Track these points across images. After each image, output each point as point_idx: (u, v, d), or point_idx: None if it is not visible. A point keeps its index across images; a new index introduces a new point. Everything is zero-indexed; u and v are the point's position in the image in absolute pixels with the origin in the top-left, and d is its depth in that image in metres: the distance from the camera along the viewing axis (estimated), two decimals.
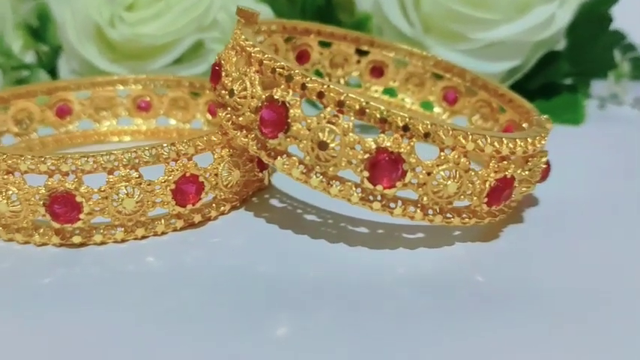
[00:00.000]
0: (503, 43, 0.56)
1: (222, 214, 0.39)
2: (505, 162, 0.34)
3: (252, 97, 0.35)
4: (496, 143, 0.33)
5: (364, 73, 0.50)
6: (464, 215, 0.35)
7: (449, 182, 0.33)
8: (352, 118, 0.32)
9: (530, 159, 0.36)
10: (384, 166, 0.32)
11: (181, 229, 0.37)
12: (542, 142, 0.36)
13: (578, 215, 0.40)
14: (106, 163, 0.35)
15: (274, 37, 0.45)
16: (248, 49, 0.36)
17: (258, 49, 0.35)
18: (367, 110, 0.32)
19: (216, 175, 0.38)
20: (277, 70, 0.34)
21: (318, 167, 0.33)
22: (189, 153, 0.36)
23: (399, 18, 0.56)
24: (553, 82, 0.58)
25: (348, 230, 0.37)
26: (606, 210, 0.41)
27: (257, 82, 0.35)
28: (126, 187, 0.35)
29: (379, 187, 0.33)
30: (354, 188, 0.33)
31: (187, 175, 0.36)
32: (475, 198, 0.34)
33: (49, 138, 0.49)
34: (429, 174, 0.33)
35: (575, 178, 0.45)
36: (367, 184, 0.33)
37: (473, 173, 0.33)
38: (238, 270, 0.34)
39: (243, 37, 0.37)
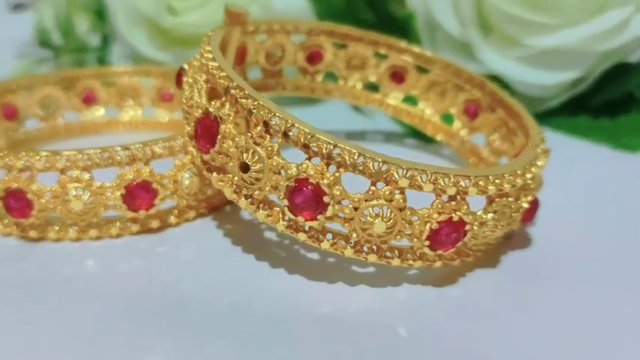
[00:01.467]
0: (561, 50, 0.49)
1: (187, 221, 0.38)
2: (453, 202, 0.30)
3: (197, 107, 0.33)
4: (441, 180, 0.29)
5: (383, 78, 0.46)
6: (408, 256, 0.31)
7: (376, 220, 0.29)
8: (279, 140, 0.30)
9: (497, 199, 0.31)
10: (304, 198, 0.29)
11: (138, 232, 0.37)
12: (518, 180, 0.31)
13: (569, 267, 0.34)
14: (58, 163, 0.35)
15: (278, 37, 0.43)
16: (204, 55, 0.34)
17: (210, 55, 0.33)
18: (291, 133, 0.29)
19: (175, 181, 0.37)
20: (219, 80, 0.32)
21: (245, 189, 0.31)
22: (144, 158, 0.36)
23: (448, 18, 0.51)
24: (622, 98, 0.50)
25: (299, 255, 0.35)
26: (612, 269, 0.34)
27: (203, 92, 0.33)
28: (76, 188, 0.35)
29: (301, 219, 0.30)
30: (281, 215, 0.31)
31: (139, 180, 0.36)
32: (416, 240, 0.30)
33: (75, 124, 0.51)
34: (355, 209, 0.29)
35: (595, 221, 0.39)
36: (289, 214, 0.30)
37: (409, 212, 0.29)
38: (160, 285, 0.32)
39: (206, 41, 0.35)
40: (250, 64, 0.43)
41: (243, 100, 0.30)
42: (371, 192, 0.29)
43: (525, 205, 0.33)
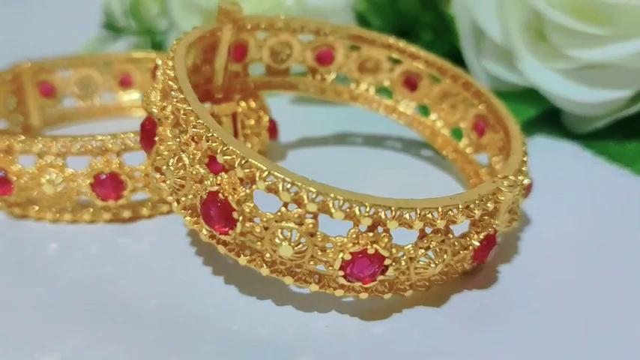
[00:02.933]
0: (611, 66, 0.43)
1: (162, 214, 0.39)
2: (370, 233, 0.27)
3: (154, 105, 0.33)
4: (356, 209, 0.27)
5: (396, 84, 0.43)
6: (330, 283, 0.29)
7: (284, 243, 0.27)
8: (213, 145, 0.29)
9: (432, 234, 0.28)
10: (213, 212, 0.28)
11: (111, 221, 0.38)
12: (460, 216, 0.28)
13: (530, 316, 0.30)
14: (34, 147, 0.36)
15: (283, 35, 0.41)
16: (169, 54, 0.34)
17: (173, 55, 0.33)
18: (209, 142, 0.28)
19: (147, 175, 0.37)
20: (167, 82, 0.31)
21: (177, 194, 0.31)
22: (115, 150, 0.36)
23: (491, 21, 0.47)
24: None
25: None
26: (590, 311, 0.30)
27: (159, 90, 0.33)
28: (50, 173, 0.36)
29: (216, 232, 0.29)
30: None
31: (107, 171, 0.36)
32: (331, 268, 0.28)
33: (111, 105, 0.53)
34: (266, 228, 0.28)
35: (590, 271, 0.34)
36: (205, 225, 0.29)
37: (321, 238, 0.28)
38: (99, 278, 0.33)
39: (175, 40, 0.35)
40: (253, 61, 0.42)
41: (178, 105, 0.30)
42: (280, 213, 0.27)
43: (476, 243, 0.30)
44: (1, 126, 0.47)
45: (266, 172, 0.27)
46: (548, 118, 0.48)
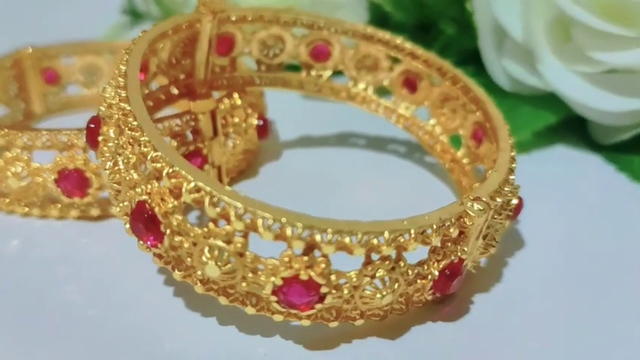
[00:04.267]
0: (637, 71, 0.38)
1: None
2: (305, 257, 0.24)
3: (104, 102, 0.31)
4: (288, 230, 0.24)
5: (395, 84, 0.39)
6: (270, 308, 0.26)
7: (210, 262, 0.25)
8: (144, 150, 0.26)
9: (378, 261, 0.25)
10: (141, 223, 0.26)
11: (80, 218, 0.36)
12: (412, 243, 0.25)
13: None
14: (1, 140, 0.35)
15: (273, 28, 0.39)
16: (130, 46, 0.32)
17: (132, 47, 0.31)
18: (141, 147, 0.26)
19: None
20: (117, 78, 0.29)
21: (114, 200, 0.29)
22: (80, 145, 0.35)
23: (512, 18, 0.42)
24: None
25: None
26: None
27: (114, 85, 0.31)
28: (15, 166, 0.35)
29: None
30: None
31: (71, 167, 0.35)
32: (264, 292, 0.25)
33: None
34: (194, 244, 0.25)
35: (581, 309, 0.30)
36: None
37: (250, 260, 0.25)
38: (49, 281, 0.31)
39: (141, 31, 0.33)
40: (242, 55, 0.39)
41: (120, 103, 0.28)
42: (207, 230, 0.25)
43: (435, 273, 0.26)
44: (2, 113, 0.46)
45: (192, 184, 0.24)
46: (572, 127, 0.44)
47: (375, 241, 0.24)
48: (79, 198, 0.35)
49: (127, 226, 0.28)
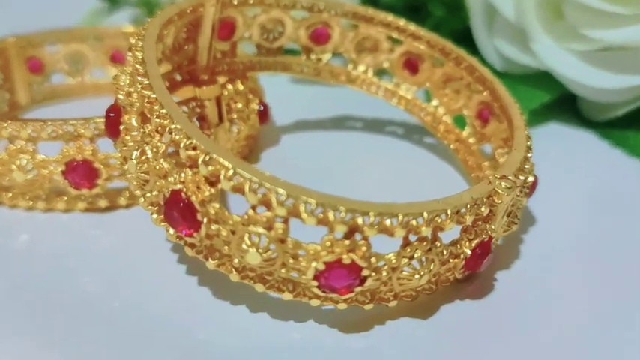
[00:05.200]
0: (630, 48, 0.39)
1: None
2: (347, 241, 0.25)
3: (121, 91, 0.30)
4: (331, 214, 0.24)
5: (396, 66, 0.40)
6: (306, 292, 0.26)
7: (251, 249, 0.25)
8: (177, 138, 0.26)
9: (416, 242, 0.25)
10: (176, 213, 0.26)
11: (86, 210, 0.36)
12: (448, 222, 0.25)
13: (529, 329, 0.28)
14: (3, 132, 0.34)
15: (273, 12, 0.38)
16: (141, 32, 0.31)
17: (144, 33, 0.30)
18: (172, 134, 0.26)
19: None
20: (135, 65, 0.29)
21: (144, 188, 0.28)
22: (88, 135, 0.34)
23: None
24: None
25: None
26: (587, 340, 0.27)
27: (128, 73, 0.30)
28: (20, 159, 0.34)
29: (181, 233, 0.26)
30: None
31: (79, 158, 0.34)
32: (304, 277, 0.26)
33: (103, 81, 0.50)
34: (233, 232, 0.25)
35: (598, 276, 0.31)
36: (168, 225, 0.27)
37: (292, 245, 0.25)
38: (60, 274, 0.31)
39: (148, 21, 0.32)
40: (242, 40, 0.39)
41: (143, 91, 0.27)
42: (247, 216, 0.25)
43: (467, 252, 0.27)
44: None
45: (231, 171, 0.24)
46: (564, 104, 0.45)
47: (414, 222, 0.25)
48: (88, 190, 0.35)
49: (154, 216, 0.28)
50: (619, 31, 0.39)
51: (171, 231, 0.27)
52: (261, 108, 0.40)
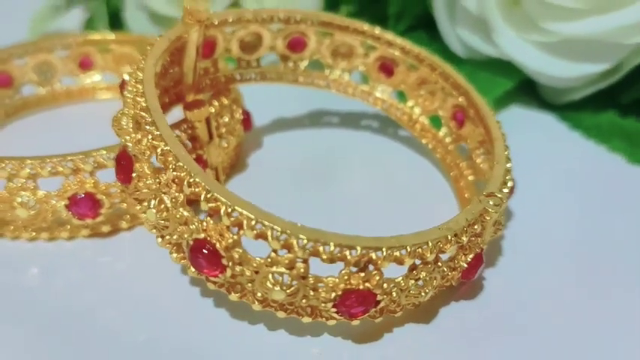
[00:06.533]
0: (588, 40, 0.42)
1: (141, 224, 0.38)
2: (362, 273, 0.27)
3: (126, 135, 0.31)
4: (347, 252, 0.27)
5: (371, 70, 0.42)
6: (323, 314, 0.29)
7: (276, 288, 0.27)
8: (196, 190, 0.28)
9: (421, 265, 0.28)
10: (202, 259, 0.28)
11: (90, 236, 0.37)
12: (447, 246, 0.28)
13: (523, 326, 0.31)
14: (1, 172, 0.35)
15: (252, 27, 0.39)
16: (137, 75, 0.32)
17: (142, 76, 0.31)
18: (191, 188, 0.27)
19: (123, 191, 0.36)
20: (139, 112, 0.30)
21: (162, 230, 0.30)
22: (87, 170, 0.35)
23: None
24: None
25: None
26: (579, 332, 0.31)
27: (130, 117, 0.31)
28: (21, 196, 0.35)
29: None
30: None
31: (82, 192, 0.35)
32: (323, 304, 0.28)
33: (75, 88, 0.50)
34: (256, 272, 0.27)
35: (575, 264, 0.35)
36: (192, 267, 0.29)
37: (312, 280, 0.27)
38: (80, 309, 0.32)
39: (141, 55, 0.33)
40: (223, 56, 0.40)
41: (154, 142, 0.29)
42: (270, 259, 0.27)
43: (464, 265, 0.30)
44: None
45: (254, 221, 0.26)
46: (524, 88, 0.48)
47: (420, 250, 0.28)
48: (91, 219, 0.36)
49: (174, 255, 0.30)
50: (575, 24, 0.42)
51: (192, 269, 0.29)
52: (245, 117, 0.42)
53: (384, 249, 0.27)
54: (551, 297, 0.33)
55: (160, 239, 0.30)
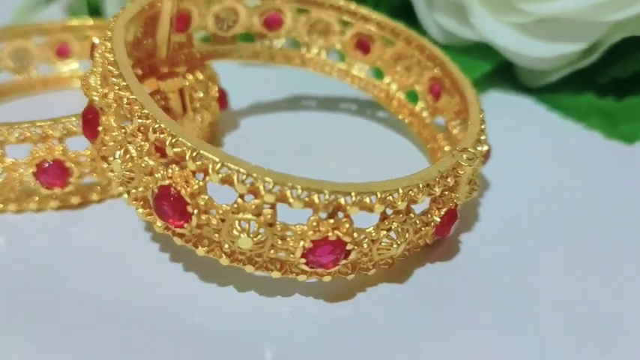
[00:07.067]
0: (564, 19, 0.42)
1: (112, 197, 0.37)
2: (331, 220, 0.27)
3: (94, 91, 0.31)
4: (315, 197, 0.26)
5: (348, 47, 0.42)
6: (292, 269, 0.28)
7: (242, 235, 0.27)
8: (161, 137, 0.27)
9: (393, 215, 0.28)
10: (167, 206, 0.27)
11: (59, 208, 0.36)
12: (420, 196, 0.28)
13: (498, 288, 0.30)
14: None
15: (228, 2, 0.39)
16: (107, 34, 0.32)
17: (111, 34, 0.31)
18: (156, 134, 0.27)
19: (94, 159, 0.35)
20: (107, 67, 0.30)
21: (128, 184, 0.29)
22: (56, 135, 0.35)
23: None
24: (633, 77, 0.44)
25: None
26: (554, 297, 0.31)
27: (98, 73, 0.31)
28: None
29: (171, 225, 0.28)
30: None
31: (50, 159, 0.35)
32: (292, 255, 0.27)
33: (51, 77, 0.50)
34: (222, 220, 0.27)
35: (550, 231, 0.34)
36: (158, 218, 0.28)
37: (280, 228, 0.27)
38: (48, 275, 0.31)
39: (112, 17, 0.33)
40: (198, 30, 0.40)
41: (121, 92, 0.28)
42: (236, 205, 0.26)
43: (437, 219, 0.29)
44: None
45: (219, 164, 0.26)
46: (502, 72, 0.48)
47: (390, 197, 0.27)
48: (60, 189, 0.35)
49: (140, 210, 0.29)
50: (550, 3, 0.42)
51: (159, 223, 0.28)
52: (220, 94, 0.41)
53: (352, 194, 0.26)
54: (526, 260, 0.32)
55: (126, 195, 0.29)
